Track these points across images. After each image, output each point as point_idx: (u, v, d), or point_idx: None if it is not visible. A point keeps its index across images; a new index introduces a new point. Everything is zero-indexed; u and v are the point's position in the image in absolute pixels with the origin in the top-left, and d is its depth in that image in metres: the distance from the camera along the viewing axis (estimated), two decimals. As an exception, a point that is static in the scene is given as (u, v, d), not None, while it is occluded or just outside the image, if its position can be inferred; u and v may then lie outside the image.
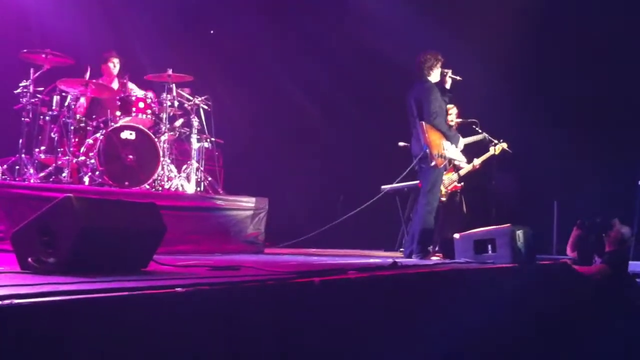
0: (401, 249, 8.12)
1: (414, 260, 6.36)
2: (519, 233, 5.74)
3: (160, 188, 6.91)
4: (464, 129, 7.70)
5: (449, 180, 7.89)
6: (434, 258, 6.58)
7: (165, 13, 8.77)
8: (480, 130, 7.86)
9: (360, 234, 8.78)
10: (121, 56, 7.65)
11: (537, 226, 6.53)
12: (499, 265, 5.44)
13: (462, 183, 8.01)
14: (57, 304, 2.19)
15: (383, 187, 8.87)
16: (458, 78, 6.95)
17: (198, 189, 7.29)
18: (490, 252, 5.72)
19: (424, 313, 3.86)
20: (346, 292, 3.48)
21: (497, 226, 5.97)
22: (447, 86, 6.90)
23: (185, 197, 6.87)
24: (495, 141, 7.92)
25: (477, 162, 7.99)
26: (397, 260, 4.87)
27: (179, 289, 2.51)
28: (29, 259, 3.30)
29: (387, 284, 3.90)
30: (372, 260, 5.60)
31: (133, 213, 3.80)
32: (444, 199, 7.66)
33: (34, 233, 3.47)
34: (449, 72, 6.89)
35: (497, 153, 7.97)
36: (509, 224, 5.82)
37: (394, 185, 8.26)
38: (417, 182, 8.15)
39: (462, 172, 7.97)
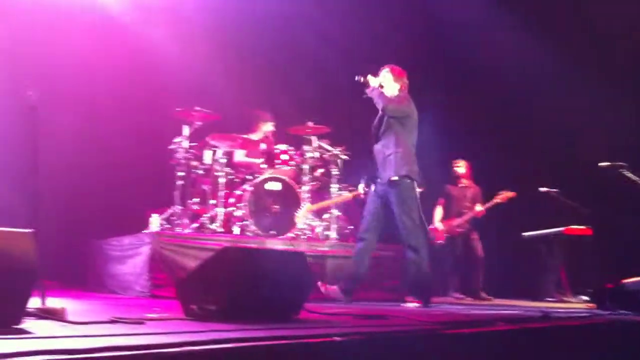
0: (547, 298, 7.88)
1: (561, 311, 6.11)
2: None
3: (304, 236, 7.14)
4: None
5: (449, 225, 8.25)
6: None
7: (303, 70, 9.14)
8: None
9: (500, 281, 8.55)
10: (268, 112, 8.02)
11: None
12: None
13: (468, 227, 8.23)
14: (226, 351, 2.34)
15: (524, 234, 8.67)
16: None
17: (339, 237, 7.44)
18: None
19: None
20: (496, 344, 3.43)
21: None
22: None
23: (326, 245, 7.05)
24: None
25: (479, 208, 8.21)
26: (546, 310, 4.72)
27: (337, 338, 2.60)
28: (192, 306, 3.53)
29: (539, 336, 3.80)
30: (519, 311, 5.45)
31: (284, 262, 3.97)
32: (441, 241, 8.17)
33: (195, 282, 3.71)
34: None
35: (503, 201, 8.19)
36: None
37: (536, 232, 8.07)
38: (562, 228, 7.94)
39: (465, 217, 8.23)
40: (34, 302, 2.99)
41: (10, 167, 6.63)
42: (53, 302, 3.36)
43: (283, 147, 7.50)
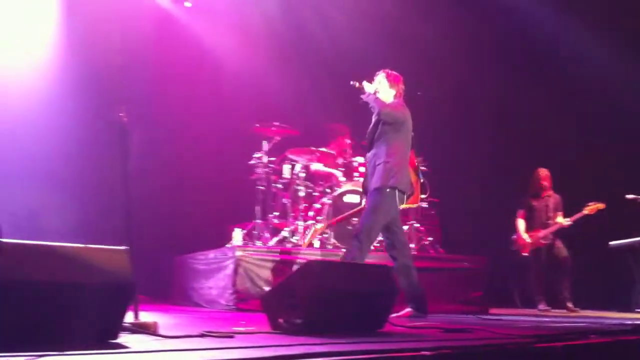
0: (636, 309, 7.58)
1: None
2: None
3: (382, 249, 7.11)
4: None
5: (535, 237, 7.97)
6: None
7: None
8: None
9: (587, 292, 8.27)
10: (344, 125, 8.06)
11: None
12: None
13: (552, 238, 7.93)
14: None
15: (612, 243, 8.37)
16: None
17: (418, 249, 7.38)
18: None
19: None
20: (589, 357, 3.33)
21: None
22: None
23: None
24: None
25: (562, 220, 7.92)
26: (636, 322, 4.55)
27: (426, 352, 2.59)
28: (280, 320, 3.58)
29: (634, 349, 3.67)
30: (609, 322, 5.28)
31: (369, 275, 3.98)
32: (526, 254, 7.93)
33: (281, 295, 3.76)
34: None
35: (591, 213, 7.84)
36: None
37: (623, 241, 7.77)
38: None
39: (551, 229, 7.93)
40: (127, 317, 3.10)
41: (102, 185, 6.92)
42: (145, 316, 3.47)
43: (361, 159, 7.51)
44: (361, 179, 7.35)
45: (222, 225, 7.62)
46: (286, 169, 7.35)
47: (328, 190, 7.32)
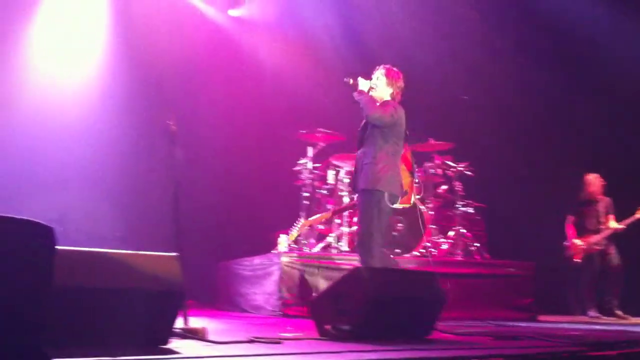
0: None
1: None
2: None
3: (428, 255, 7.06)
4: None
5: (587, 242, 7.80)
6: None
7: (424, 87, 9.09)
8: None
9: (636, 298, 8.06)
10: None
11: None
12: None
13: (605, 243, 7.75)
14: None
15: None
16: None
17: (465, 254, 7.30)
18: None
19: None
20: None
21: None
22: None
23: (454, 264, 6.95)
24: None
25: (615, 224, 7.76)
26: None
27: (476, 360, 2.56)
28: (327, 326, 3.58)
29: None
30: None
31: (416, 281, 3.95)
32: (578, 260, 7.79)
33: (328, 301, 3.76)
34: None
35: None
36: None
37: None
38: None
39: (603, 234, 7.77)
40: (177, 322, 3.13)
41: (150, 192, 7.03)
42: (194, 322, 3.51)
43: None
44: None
45: (267, 231, 7.66)
46: (330, 175, 7.34)
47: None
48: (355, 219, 7.18)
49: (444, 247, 7.26)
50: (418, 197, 6.25)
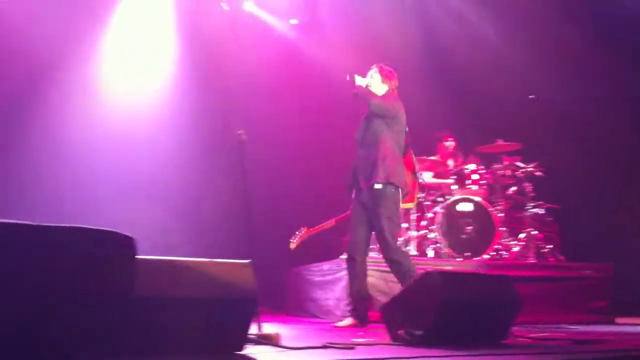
0: None
1: None
2: None
3: (499, 258, 6.95)
4: None
5: None
6: None
7: (491, 88, 8.96)
8: None
9: None
10: (449, 132, 7.96)
11: None
12: None
13: None
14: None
15: None
16: None
17: (537, 257, 7.15)
18: None
19: None
20: None
21: None
22: None
23: (527, 267, 6.81)
24: None
25: None
26: None
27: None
28: (399, 332, 3.55)
29: None
30: None
31: (489, 285, 3.89)
32: None
33: (399, 306, 3.74)
34: None
35: None
36: None
37: None
38: None
39: None
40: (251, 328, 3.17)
41: (221, 201, 7.15)
42: (267, 328, 3.54)
43: (473, 166, 7.37)
44: (474, 187, 7.24)
45: (334, 236, 7.67)
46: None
47: (440, 199, 7.24)
48: (423, 223, 7.14)
49: (515, 249, 7.12)
50: (421, 195, 6.07)
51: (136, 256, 1.94)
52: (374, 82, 5.52)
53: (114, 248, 1.82)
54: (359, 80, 5.49)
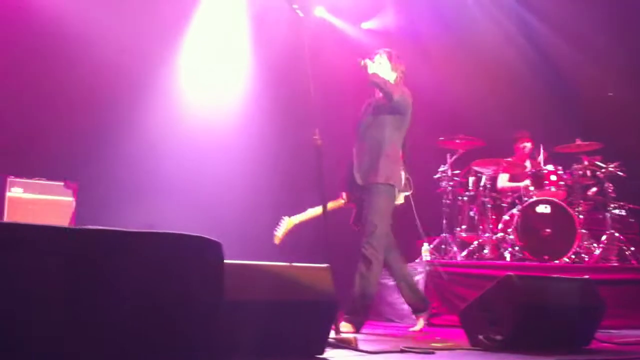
0: None
1: None
2: None
3: (579, 261, 6.78)
4: None
5: None
6: None
7: (569, 87, 8.77)
8: None
9: None
10: (532, 136, 7.81)
11: None
12: None
13: None
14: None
15: None
16: None
17: (619, 260, 6.93)
18: None
19: None
20: None
21: None
22: None
23: (609, 269, 6.61)
24: None
25: None
26: None
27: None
28: (479, 336, 3.52)
29: None
30: None
31: (571, 289, 3.80)
32: None
33: (479, 310, 3.70)
34: None
35: None
36: None
37: None
38: None
39: None
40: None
41: (297, 204, 7.21)
42: (345, 331, 3.57)
43: (551, 167, 7.21)
44: (552, 188, 7.07)
45: (409, 240, 7.64)
46: (472, 181, 7.23)
47: (517, 201, 7.11)
48: (500, 225, 7.03)
49: (597, 252, 6.92)
50: (408, 193, 5.63)
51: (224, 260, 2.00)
52: (382, 70, 5.16)
53: (204, 253, 1.88)
54: (371, 67, 5.13)
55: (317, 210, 5.39)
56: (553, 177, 7.10)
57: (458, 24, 8.85)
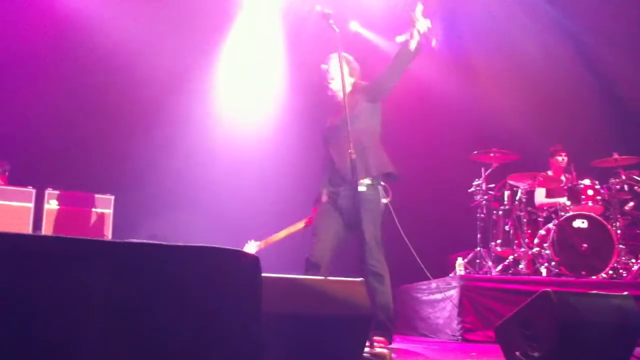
0: None
1: None
2: None
3: (617, 276, 6.66)
4: None
5: None
6: None
7: (604, 100, 8.66)
8: None
9: None
10: (561, 146, 7.73)
11: None
12: None
13: None
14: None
15: None
16: None
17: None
18: None
19: None
20: None
21: None
22: None
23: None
24: None
25: None
26: None
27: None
28: (516, 353, 3.47)
29: None
30: None
31: (610, 305, 3.73)
32: None
33: (516, 327, 3.65)
34: None
35: None
36: None
37: None
38: None
39: None
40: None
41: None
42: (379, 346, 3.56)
43: (587, 181, 7.12)
44: (589, 203, 6.97)
45: (442, 254, 7.60)
46: (507, 195, 7.17)
47: (553, 216, 7.02)
48: (536, 240, 6.95)
49: (635, 267, 6.80)
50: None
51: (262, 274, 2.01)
52: (345, 73, 4.45)
53: (242, 268, 1.89)
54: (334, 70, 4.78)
55: (300, 224, 5.20)
56: (590, 192, 7.02)
57: (494, 37, 8.81)
